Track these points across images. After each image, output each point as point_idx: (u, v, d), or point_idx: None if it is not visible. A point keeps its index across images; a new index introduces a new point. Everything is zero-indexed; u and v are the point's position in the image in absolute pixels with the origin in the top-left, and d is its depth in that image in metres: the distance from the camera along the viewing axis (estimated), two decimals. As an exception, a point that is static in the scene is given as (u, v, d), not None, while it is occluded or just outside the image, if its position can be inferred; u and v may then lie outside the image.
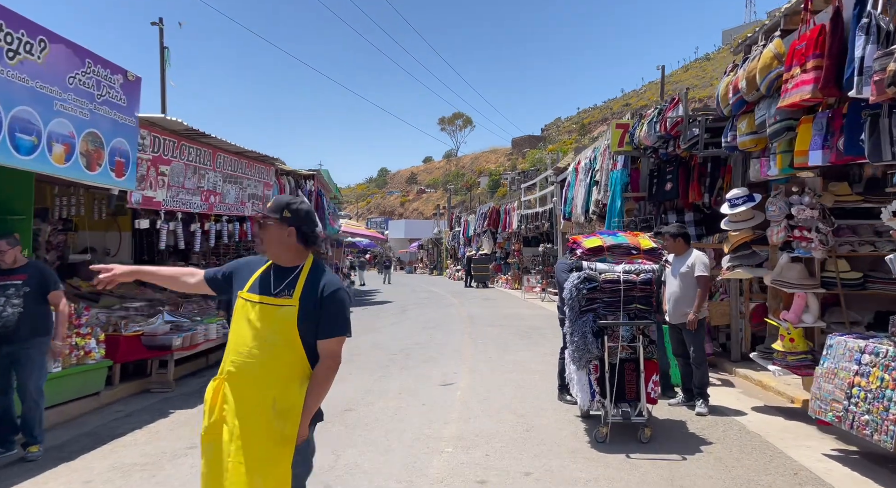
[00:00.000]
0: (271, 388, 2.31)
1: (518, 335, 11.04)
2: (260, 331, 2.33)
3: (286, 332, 2.33)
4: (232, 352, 2.37)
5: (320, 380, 2.37)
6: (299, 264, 2.47)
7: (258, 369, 2.31)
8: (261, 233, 2.44)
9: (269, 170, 10.83)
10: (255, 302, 2.37)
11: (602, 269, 4.73)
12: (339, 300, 2.41)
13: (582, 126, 73.16)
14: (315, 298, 2.36)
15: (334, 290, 2.41)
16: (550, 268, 19.44)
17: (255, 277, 2.46)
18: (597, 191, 11.16)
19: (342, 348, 2.47)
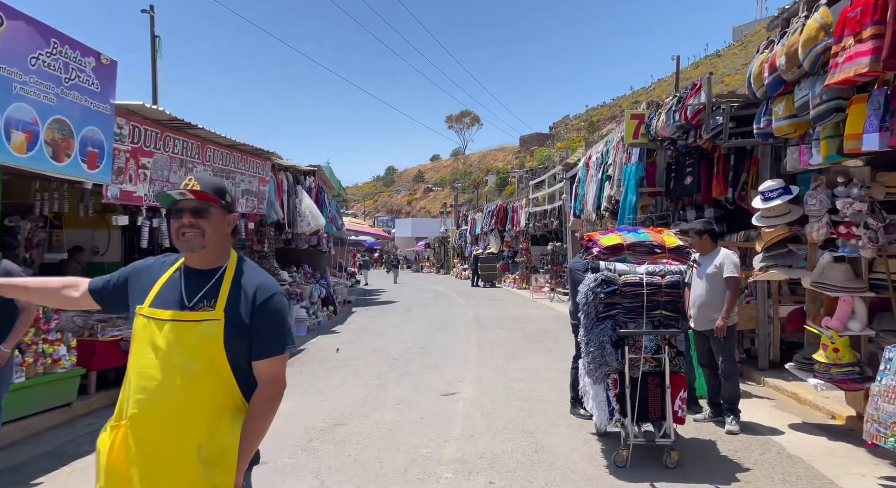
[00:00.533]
0: (194, 431, 1.75)
1: (526, 338, 10.47)
2: (173, 358, 1.77)
3: (209, 355, 1.78)
4: (135, 389, 1.79)
5: (260, 414, 1.84)
6: (222, 265, 1.91)
7: (174, 408, 1.75)
8: (196, 224, 1.84)
9: (265, 165, 10.32)
10: (163, 320, 1.80)
11: (622, 270, 4.17)
12: (277, 308, 1.89)
13: (591, 123, 72.44)
14: (246, 308, 1.83)
15: (270, 295, 1.88)
16: (560, 267, 18.84)
17: (158, 287, 1.87)
18: (609, 186, 10.57)
19: (286, 368, 1.94)
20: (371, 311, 16.62)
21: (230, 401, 1.81)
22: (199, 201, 1.85)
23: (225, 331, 1.79)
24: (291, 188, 12.26)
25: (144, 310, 1.83)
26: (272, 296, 1.88)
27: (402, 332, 11.86)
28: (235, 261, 1.93)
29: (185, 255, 1.91)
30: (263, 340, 1.84)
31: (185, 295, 1.83)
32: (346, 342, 10.77)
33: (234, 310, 1.82)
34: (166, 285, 1.86)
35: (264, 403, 1.84)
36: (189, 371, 1.75)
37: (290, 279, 12.81)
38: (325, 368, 8.24)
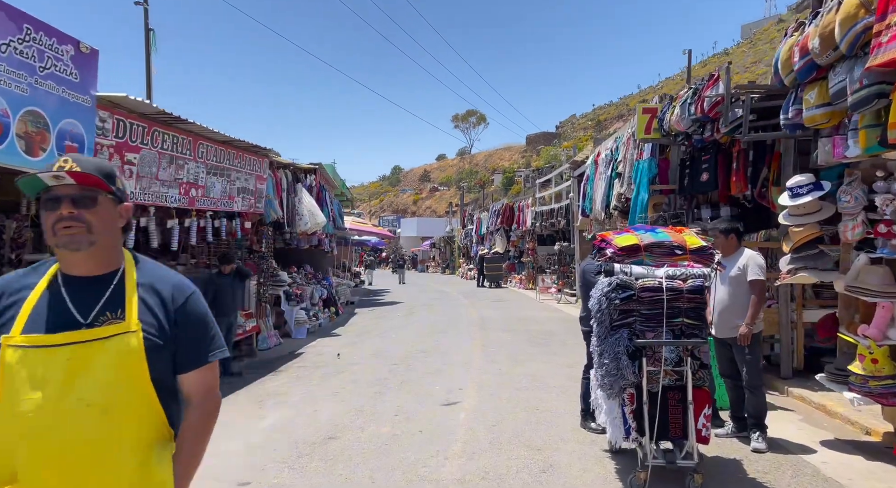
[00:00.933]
0: (116, 479, 1.39)
1: (532, 342, 10.07)
2: (74, 392, 1.39)
3: (129, 377, 1.42)
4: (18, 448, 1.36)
5: (195, 437, 1.52)
6: (117, 268, 1.54)
7: (84, 456, 1.37)
8: (79, 216, 1.45)
9: (262, 162, 9.97)
10: (52, 346, 1.41)
11: (639, 274, 3.77)
12: (200, 309, 1.59)
13: (598, 122, 72.00)
14: (164, 313, 1.50)
15: (189, 295, 1.57)
16: (567, 267, 18.43)
17: (28, 307, 1.46)
18: (619, 183, 10.15)
19: (218, 378, 1.62)
20: (374, 313, 16.27)
21: (156, 430, 1.47)
22: (82, 186, 1.46)
23: (146, 345, 1.44)
24: (291, 186, 11.91)
25: (15, 339, 1.42)
26: (191, 296, 1.57)
27: (404, 335, 11.49)
28: (132, 261, 1.56)
29: (62, 260, 1.51)
30: (190, 348, 1.52)
31: (75, 310, 1.45)
32: (347, 345, 10.41)
33: (152, 318, 1.47)
34: (41, 303, 1.47)
35: (199, 423, 1.51)
36: (102, 403, 1.39)
37: (290, 280, 12.47)
38: (322, 374, 7.88)
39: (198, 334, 1.55)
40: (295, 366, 8.59)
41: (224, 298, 7.83)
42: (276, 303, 11.91)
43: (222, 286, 7.86)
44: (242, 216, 9.84)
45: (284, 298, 11.89)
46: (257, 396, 6.71)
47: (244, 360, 9.27)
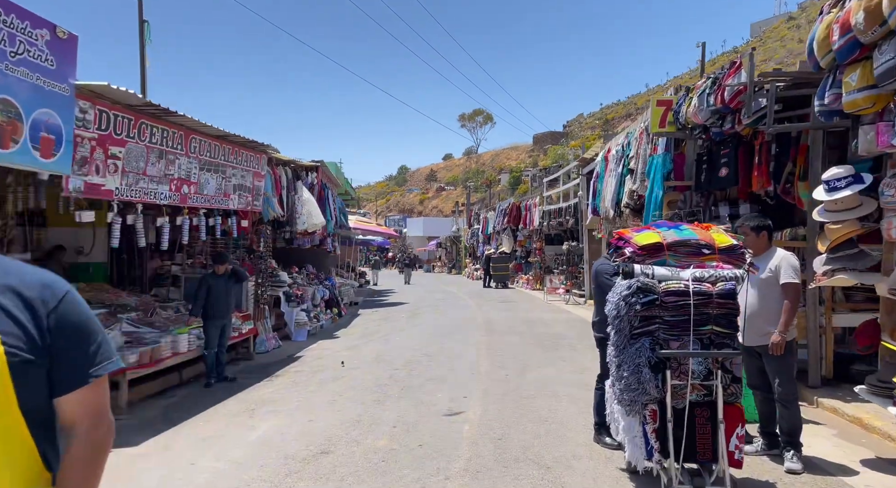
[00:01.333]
0: None
1: (541, 345, 9.65)
2: None
3: None
4: None
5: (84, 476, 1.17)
6: None
7: None
8: None
9: (260, 159, 9.61)
10: None
11: (662, 276, 3.36)
12: (79, 310, 1.23)
13: (605, 121, 71.51)
14: (33, 320, 1.14)
15: (64, 295, 1.21)
16: (575, 267, 17.99)
17: None
18: (631, 180, 9.72)
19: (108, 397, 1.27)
20: (378, 314, 15.90)
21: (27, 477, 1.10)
22: None
23: (10, 362, 1.07)
24: (291, 184, 11.56)
25: None
26: (66, 296, 1.21)
27: (408, 337, 11.11)
28: None
29: None
30: (69, 363, 1.17)
31: None
32: (347, 348, 10.04)
33: (14, 326, 1.11)
34: None
35: (86, 459, 1.16)
36: None
37: (290, 280, 12.12)
38: (320, 380, 7.51)
39: (78, 344, 1.19)
40: (292, 371, 8.22)
41: (218, 300, 7.48)
42: (276, 305, 11.57)
43: (216, 287, 7.50)
44: (239, 214, 9.50)
45: (284, 299, 11.54)
46: (249, 404, 6.34)
47: (240, 364, 8.91)
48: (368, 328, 12.89)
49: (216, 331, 7.48)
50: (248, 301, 9.91)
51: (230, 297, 7.70)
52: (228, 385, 7.39)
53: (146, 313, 7.84)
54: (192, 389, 7.21)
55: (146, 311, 7.93)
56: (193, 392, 7.06)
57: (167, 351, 6.74)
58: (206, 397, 6.72)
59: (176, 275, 10.14)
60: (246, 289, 9.87)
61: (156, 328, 7.16)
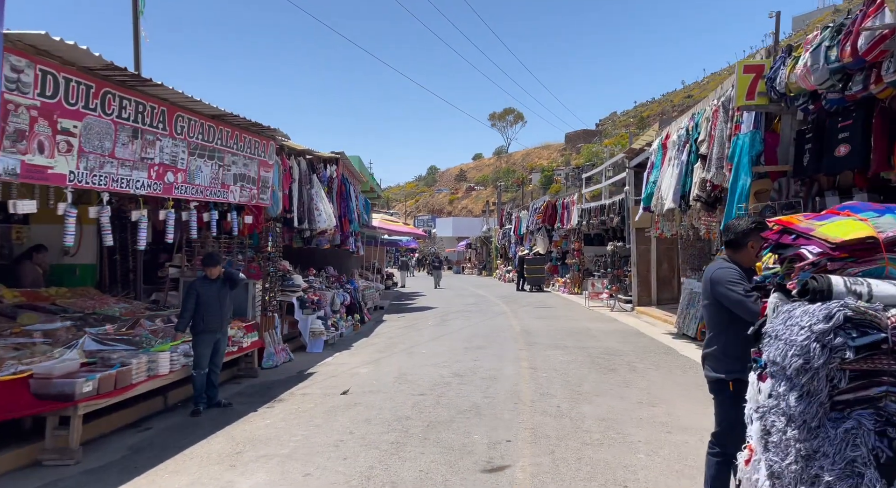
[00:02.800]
0: None
1: (594, 365, 8.15)
2: None
3: None
4: None
5: None
6: None
7: None
8: None
9: (267, 146, 8.37)
10: None
11: (888, 297, 1.88)
12: None
13: (640, 119, 69.21)
14: None
15: None
16: (621, 271, 16.35)
17: None
18: (702, 167, 8.14)
19: None
20: (403, 320, 14.58)
21: None
22: None
23: None
24: (305, 177, 10.31)
25: None
26: None
27: (435, 350, 9.74)
28: None
29: None
30: None
31: None
32: (367, 363, 8.72)
33: None
34: None
35: None
36: None
37: (305, 284, 10.87)
38: (330, 408, 6.18)
39: None
40: (299, 394, 6.92)
41: (209, 310, 6.23)
42: (289, 311, 10.34)
43: (207, 295, 6.25)
44: (247, 209, 8.29)
45: (298, 306, 10.30)
46: (237, 443, 5.04)
47: (241, 382, 7.67)
48: (392, 337, 11.57)
49: (207, 348, 6.23)
50: (255, 308, 8.67)
51: (224, 306, 6.45)
52: (220, 412, 6.13)
53: (128, 325, 6.64)
54: (177, 418, 5.97)
55: (130, 322, 6.74)
56: (176, 422, 5.81)
57: (141, 373, 5.49)
58: (187, 431, 5.45)
59: (175, 278, 8.98)
60: (252, 295, 8.65)
61: (133, 344, 5.93)
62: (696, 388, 6.48)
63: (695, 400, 6.06)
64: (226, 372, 7.76)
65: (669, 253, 15.18)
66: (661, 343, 9.90)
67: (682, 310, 10.87)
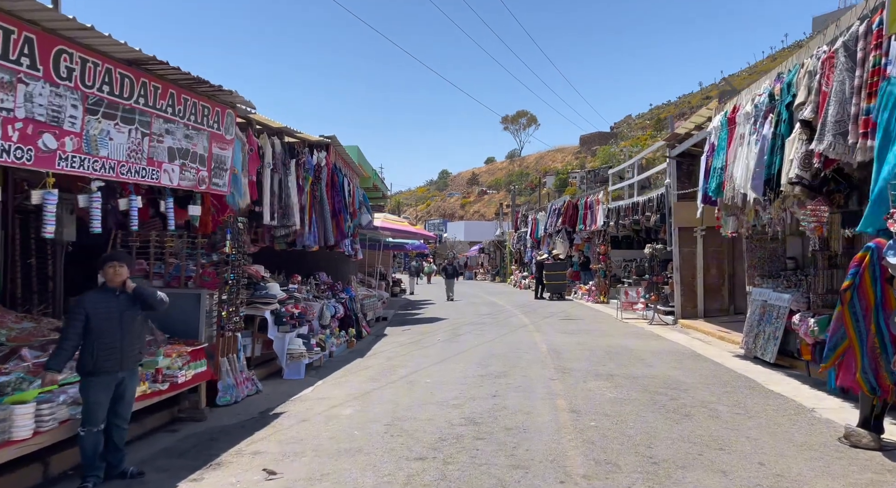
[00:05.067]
0: None
1: (656, 406, 6.01)
2: None
3: None
4: None
5: None
6: None
7: None
8: None
9: (222, 115, 6.39)
10: None
11: None
12: None
13: (658, 121, 67.07)
14: None
15: None
16: (660, 277, 14.15)
17: None
18: (805, 138, 6.00)
19: None
20: (408, 334, 12.53)
21: None
22: None
23: None
24: (280, 162, 8.31)
25: None
26: None
27: (443, 377, 7.68)
28: None
29: None
30: None
31: None
32: (353, 398, 6.69)
33: None
34: None
35: None
36: None
37: (284, 294, 8.84)
38: (287, 484, 4.12)
39: None
40: (247, 453, 4.88)
41: (104, 338, 4.20)
42: (263, 328, 8.33)
43: (103, 314, 4.23)
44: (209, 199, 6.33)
45: (272, 321, 8.28)
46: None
47: (178, 430, 5.64)
48: (392, 358, 9.52)
49: (102, 394, 4.20)
50: (209, 327, 6.66)
51: (131, 333, 4.40)
52: None
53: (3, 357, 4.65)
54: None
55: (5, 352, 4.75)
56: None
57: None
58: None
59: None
60: (206, 310, 6.64)
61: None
62: (835, 457, 4.35)
63: (849, 482, 3.93)
64: (159, 414, 5.75)
65: (719, 255, 12.99)
66: (733, 371, 7.72)
67: (750, 326, 8.70)
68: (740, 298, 13.19)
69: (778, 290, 8.19)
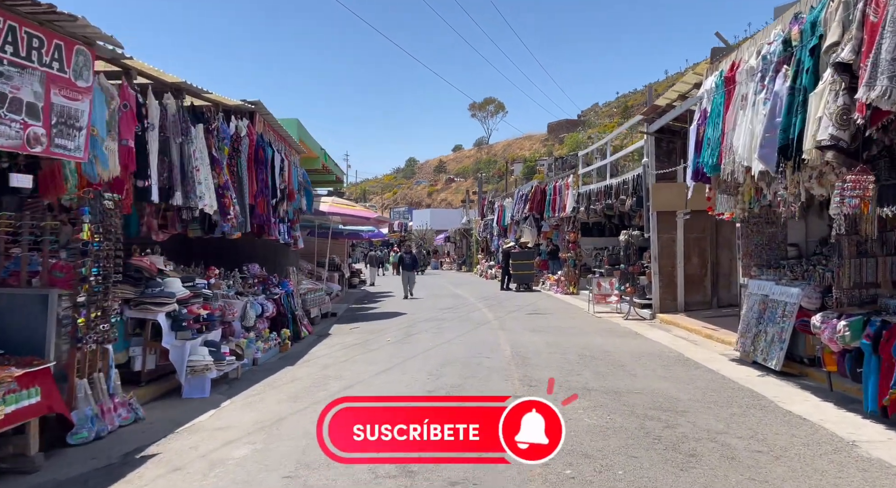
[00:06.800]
0: None
1: (649, 438, 4.60)
2: None
3: None
4: None
5: None
6: None
7: None
8: None
9: (69, 52, 4.67)
10: None
11: None
12: None
13: (625, 108, 66.61)
14: None
15: None
16: (637, 267, 12.87)
17: None
18: (837, 89, 4.62)
19: None
20: (355, 334, 10.97)
21: None
22: None
23: None
24: (174, 125, 6.57)
25: None
26: None
27: (383, 392, 6.14)
28: None
29: None
30: None
31: None
32: (258, 430, 5.10)
33: None
34: None
35: None
36: None
37: (188, 292, 7.12)
38: None
39: None
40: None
41: None
42: (158, 335, 6.64)
43: None
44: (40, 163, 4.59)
45: (169, 326, 6.59)
46: None
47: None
48: (327, 366, 7.96)
49: None
50: (60, 338, 4.96)
51: None
52: None
53: None
54: None
55: None
56: None
57: None
58: None
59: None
60: (57, 317, 4.94)
61: None
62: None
63: None
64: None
65: (701, 243, 11.77)
66: (735, 382, 6.39)
67: (748, 325, 7.42)
68: (723, 290, 12.01)
69: (782, 283, 6.90)
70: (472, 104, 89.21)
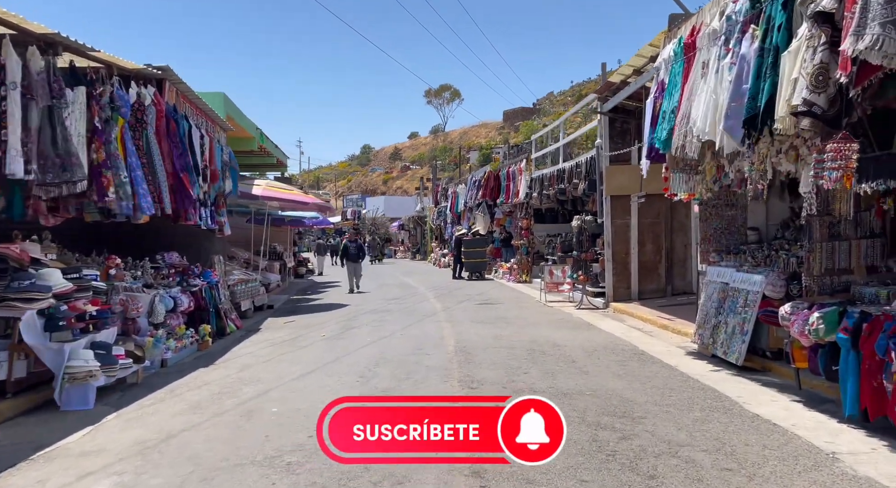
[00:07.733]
0: None
1: (602, 453, 3.92)
2: None
3: None
4: None
5: None
6: None
7: None
8: None
9: None
10: None
11: None
12: None
13: (580, 97, 66.92)
14: None
15: None
16: (590, 254, 12.32)
17: None
18: (815, 44, 3.98)
19: None
20: (289, 328, 10.03)
21: None
22: None
23: None
24: (41, 86, 5.43)
25: None
26: None
27: (301, 402, 5.32)
28: None
29: None
30: None
31: None
32: (135, 456, 4.16)
33: None
34: None
35: None
36: None
37: (71, 285, 6.03)
38: None
39: None
40: None
41: None
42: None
43: None
44: None
45: (42, 326, 5.53)
46: None
47: None
48: (246, 368, 7.01)
49: None
50: None
51: None
52: None
53: None
54: None
55: None
56: None
57: None
58: None
59: None
60: None
61: None
62: None
63: None
64: None
65: (655, 228, 11.30)
66: (695, 380, 5.81)
67: (706, 315, 6.88)
68: (678, 277, 11.61)
69: (743, 270, 6.37)
70: (429, 91, 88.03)
